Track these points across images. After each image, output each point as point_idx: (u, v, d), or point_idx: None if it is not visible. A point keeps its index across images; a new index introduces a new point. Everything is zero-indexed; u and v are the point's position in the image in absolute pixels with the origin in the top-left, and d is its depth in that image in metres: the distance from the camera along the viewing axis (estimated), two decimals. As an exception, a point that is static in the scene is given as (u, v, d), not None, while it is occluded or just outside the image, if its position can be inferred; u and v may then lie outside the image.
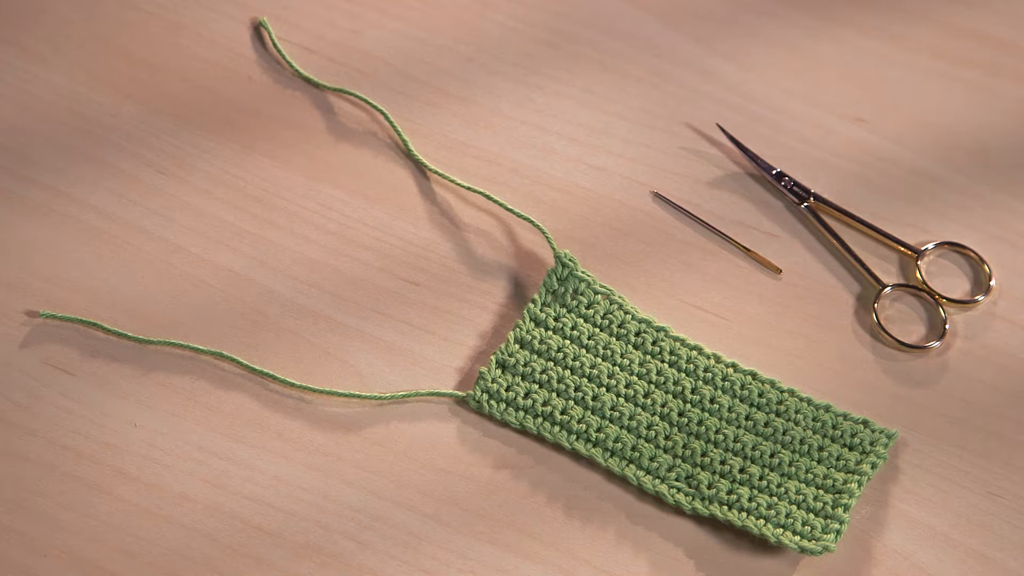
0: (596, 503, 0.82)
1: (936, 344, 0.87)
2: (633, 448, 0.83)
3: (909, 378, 0.86)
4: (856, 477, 0.82)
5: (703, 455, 0.83)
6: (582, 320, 0.86)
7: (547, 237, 0.88)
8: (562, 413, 0.84)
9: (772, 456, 0.83)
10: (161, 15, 0.96)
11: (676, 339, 0.86)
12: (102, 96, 0.93)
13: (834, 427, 0.83)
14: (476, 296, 0.88)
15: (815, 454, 0.83)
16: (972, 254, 0.89)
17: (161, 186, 0.90)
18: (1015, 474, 0.83)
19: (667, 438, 0.83)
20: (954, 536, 0.81)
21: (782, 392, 0.84)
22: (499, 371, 0.85)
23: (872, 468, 0.82)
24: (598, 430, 0.83)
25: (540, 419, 0.84)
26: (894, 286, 0.88)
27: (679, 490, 0.82)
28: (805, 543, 0.80)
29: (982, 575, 0.81)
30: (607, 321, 0.86)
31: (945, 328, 0.87)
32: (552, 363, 0.85)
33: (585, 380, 0.85)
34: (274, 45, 0.95)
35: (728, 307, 0.88)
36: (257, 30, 0.96)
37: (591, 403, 0.84)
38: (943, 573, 0.81)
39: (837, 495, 0.82)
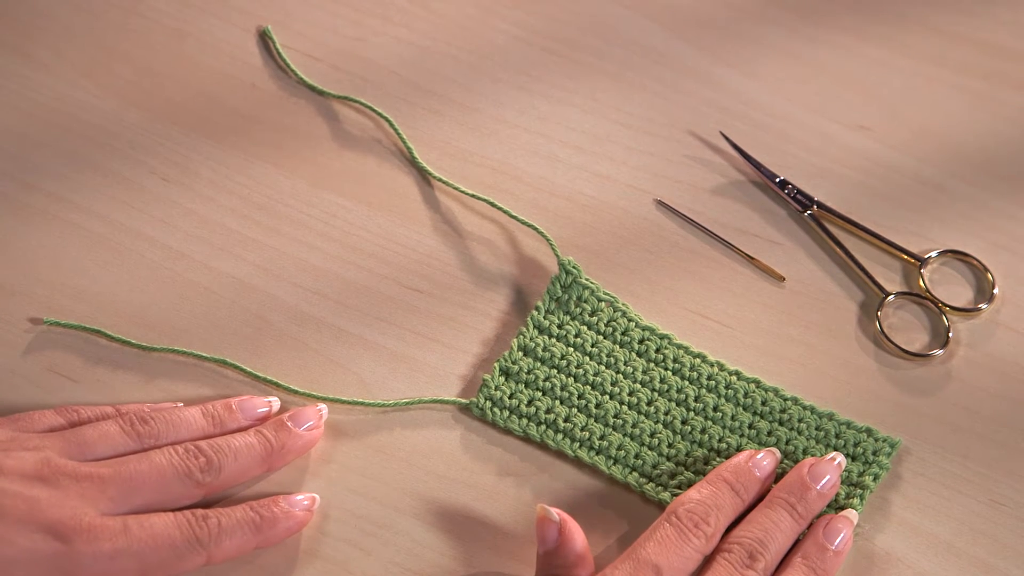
0: (599, 511, 0.82)
1: (939, 352, 0.86)
2: (636, 456, 0.83)
3: (912, 386, 0.86)
4: (859, 491, 0.82)
5: (706, 463, 0.83)
6: (586, 327, 0.86)
7: (551, 244, 0.88)
8: (565, 420, 0.84)
9: (775, 464, 0.83)
10: (165, 22, 0.96)
11: (679, 347, 0.86)
12: (106, 103, 0.93)
13: (837, 436, 0.83)
14: (480, 303, 0.88)
15: (818, 462, 0.83)
16: (975, 262, 0.89)
17: (165, 193, 0.91)
18: (1018, 482, 0.83)
19: (670, 446, 0.83)
20: (957, 544, 0.81)
21: (785, 400, 0.84)
22: (502, 378, 0.85)
23: (874, 480, 0.82)
24: (601, 438, 0.83)
25: (543, 426, 0.84)
26: (897, 294, 0.88)
27: (682, 498, 0.82)
28: (808, 551, 0.80)
29: (985, 583, 0.81)
30: (611, 328, 0.86)
31: (948, 336, 0.87)
32: (555, 370, 0.85)
33: (588, 388, 0.85)
34: (278, 53, 0.95)
35: (731, 315, 0.88)
36: (261, 38, 0.96)
37: (594, 411, 0.84)
38: (946, 581, 0.81)
39: (839, 510, 0.81)
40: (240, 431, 0.81)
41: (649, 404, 0.84)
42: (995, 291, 0.88)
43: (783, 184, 0.91)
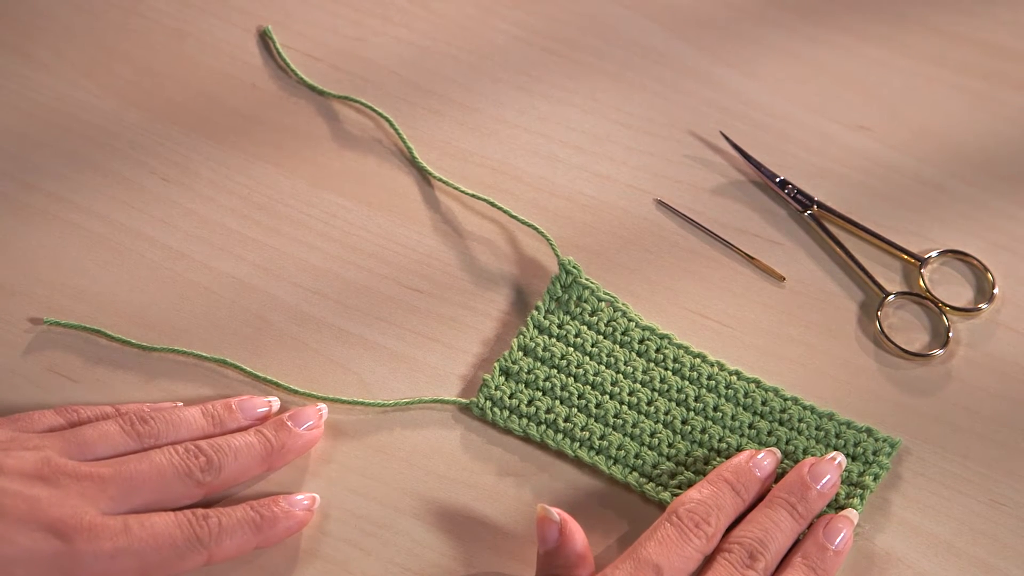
0: (599, 511, 0.82)
1: (939, 352, 0.86)
2: (636, 456, 0.83)
3: (912, 386, 0.86)
4: (859, 491, 0.82)
5: (706, 463, 0.83)
6: (586, 327, 0.86)
7: (551, 244, 0.88)
8: (565, 420, 0.84)
9: (775, 464, 0.83)
10: (165, 22, 0.96)
11: (679, 346, 0.86)
12: (106, 103, 0.93)
13: (837, 436, 0.83)
14: (480, 303, 0.88)
15: (818, 462, 0.83)
16: (975, 262, 0.89)
17: (165, 193, 0.91)
18: (1018, 482, 0.83)
19: (670, 446, 0.83)
20: (957, 544, 0.81)
21: (785, 400, 0.84)
22: (503, 378, 0.85)
23: (875, 480, 0.82)
24: (601, 437, 0.83)
25: (543, 426, 0.84)
26: (897, 294, 0.88)
27: (682, 498, 0.82)
28: (808, 551, 0.80)
29: (985, 583, 0.81)
30: (611, 328, 0.86)
31: (948, 336, 0.87)
32: (555, 370, 0.85)
33: (588, 387, 0.85)
34: (278, 53, 0.95)
35: (731, 315, 0.88)
36: (261, 38, 0.96)
37: (594, 410, 0.84)
38: (946, 581, 0.81)
39: (839, 510, 0.81)
40: (240, 431, 0.81)
41: (649, 404, 0.84)
42: (995, 291, 0.88)
43: (783, 184, 0.91)
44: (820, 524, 0.79)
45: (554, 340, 0.86)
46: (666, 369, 0.85)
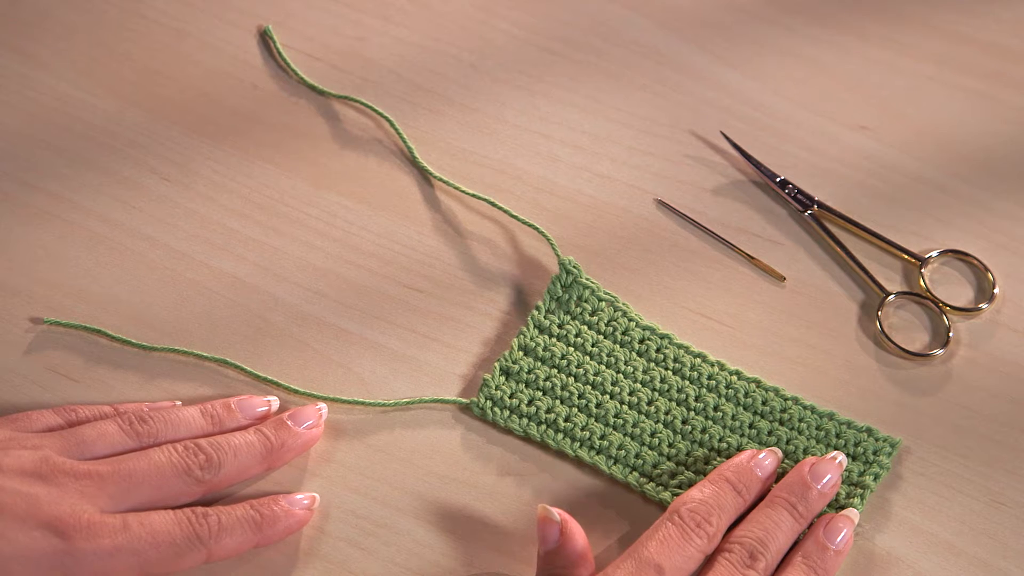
0: (599, 511, 0.82)
1: (940, 352, 0.87)
2: (636, 455, 0.83)
3: (913, 386, 0.86)
4: (859, 491, 0.82)
5: (707, 463, 0.83)
6: (586, 327, 0.86)
7: (551, 244, 0.88)
8: (565, 420, 0.84)
9: (776, 464, 0.83)
10: (166, 23, 0.96)
11: (680, 346, 0.86)
12: (106, 103, 0.93)
13: (838, 435, 0.83)
14: (480, 303, 0.88)
15: (819, 462, 0.83)
16: (976, 262, 0.89)
17: (165, 193, 0.91)
18: (1019, 483, 0.83)
19: (671, 446, 0.83)
20: (957, 544, 0.81)
21: (786, 400, 0.84)
22: (503, 378, 0.85)
23: (875, 480, 0.82)
24: (601, 437, 0.83)
25: (543, 426, 0.84)
26: (898, 294, 0.88)
27: (683, 498, 0.82)
28: (809, 551, 0.80)
29: (985, 583, 0.81)
30: (611, 328, 0.86)
31: (949, 336, 0.87)
32: (556, 370, 0.85)
33: (589, 387, 0.85)
34: (279, 53, 0.95)
35: (731, 314, 0.88)
36: (262, 37, 0.96)
37: (595, 410, 0.84)
38: (946, 581, 0.81)
39: (839, 510, 0.81)
40: (239, 430, 0.81)
41: (649, 404, 0.84)
42: (995, 291, 0.88)
43: (783, 184, 0.91)
44: (821, 524, 0.79)
45: (554, 340, 0.86)
46: (666, 369, 0.85)
